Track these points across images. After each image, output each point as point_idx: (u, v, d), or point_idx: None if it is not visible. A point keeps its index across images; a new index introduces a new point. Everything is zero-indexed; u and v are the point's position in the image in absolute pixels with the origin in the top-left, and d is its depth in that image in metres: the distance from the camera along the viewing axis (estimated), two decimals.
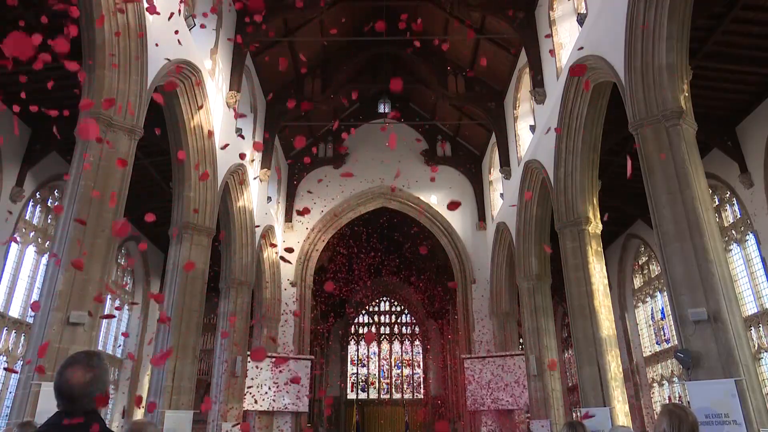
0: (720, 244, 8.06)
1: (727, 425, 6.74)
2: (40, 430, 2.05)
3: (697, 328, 7.53)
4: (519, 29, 15.05)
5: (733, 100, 12.79)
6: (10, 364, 13.38)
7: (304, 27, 17.30)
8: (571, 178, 12.53)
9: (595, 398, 10.90)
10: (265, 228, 18.61)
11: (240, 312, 16.09)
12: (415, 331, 33.31)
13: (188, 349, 11.53)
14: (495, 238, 19.52)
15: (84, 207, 8.09)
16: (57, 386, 2.09)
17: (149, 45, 9.45)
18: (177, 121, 12.13)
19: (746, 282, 13.67)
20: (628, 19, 9.14)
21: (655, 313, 18.60)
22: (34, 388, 6.98)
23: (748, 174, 12.95)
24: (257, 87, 17.65)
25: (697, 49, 10.78)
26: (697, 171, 8.32)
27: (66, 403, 2.07)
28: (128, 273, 20.43)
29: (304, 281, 20.89)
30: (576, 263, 12.00)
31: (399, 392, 31.75)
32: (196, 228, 12.52)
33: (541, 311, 15.73)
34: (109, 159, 8.55)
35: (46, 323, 7.42)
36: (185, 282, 11.71)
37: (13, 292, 13.81)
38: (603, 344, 11.12)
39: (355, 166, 21.65)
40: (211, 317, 20.51)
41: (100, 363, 2.15)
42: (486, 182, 21.58)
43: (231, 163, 14.47)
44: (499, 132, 18.53)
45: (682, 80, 8.70)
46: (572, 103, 12.12)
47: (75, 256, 7.76)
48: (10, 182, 13.30)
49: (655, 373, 18.28)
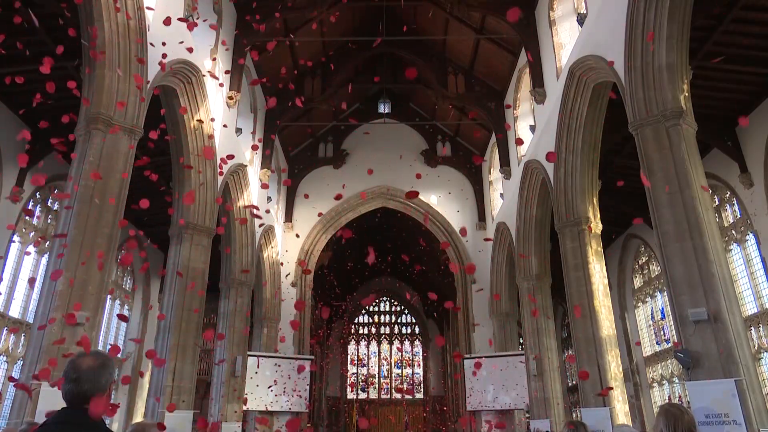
0: (720, 244, 8.06)
1: (727, 425, 6.74)
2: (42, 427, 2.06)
3: (697, 328, 7.53)
4: (519, 29, 15.05)
5: (733, 100, 12.79)
6: (10, 364, 13.40)
7: (304, 27, 17.31)
8: (571, 178, 12.52)
9: (595, 398, 10.90)
10: (265, 228, 18.62)
11: (240, 312, 16.09)
12: (415, 331, 33.33)
13: (188, 349, 11.53)
14: (495, 238, 19.52)
15: (84, 207, 8.09)
16: (65, 372, 2.14)
17: (149, 45, 9.45)
18: (177, 121, 12.13)
19: (746, 282, 13.66)
20: (628, 19, 9.13)
21: (655, 313, 18.60)
22: (34, 388, 6.98)
23: (748, 174, 12.94)
24: (257, 87, 17.64)
25: (697, 49, 10.77)
26: (697, 171, 8.32)
27: (71, 384, 2.10)
28: (128, 273, 20.42)
29: (304, 281, 20.90)
30: (576, 263, 11.99)
31: (399, 392, 31.77)
32: (196, 228, 12.53)
33: (541, 311, 15.73)
34: (109, 159, 8.56)
35: (46, 323, 7.42)
36: (185, 282, 11.72)
37: (13, 292, 13.81)
38: (603, 344, 11.11)
39: (355, 166, 21.69)
40: (211, 317, 20.49)
41: (108, 357, 2.26)
42: (486, 182, 21.58)
43: (231, 164, 14.47)
44: (499, 132, 18.53)
45: (682, 80, 8.70)
46: (572, 103, 12.12)
47: (75, 256, 7.77)
48: (10, 182, 13.30)
49: (655, 373, 18.28)
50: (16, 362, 13.50)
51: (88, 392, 2.11)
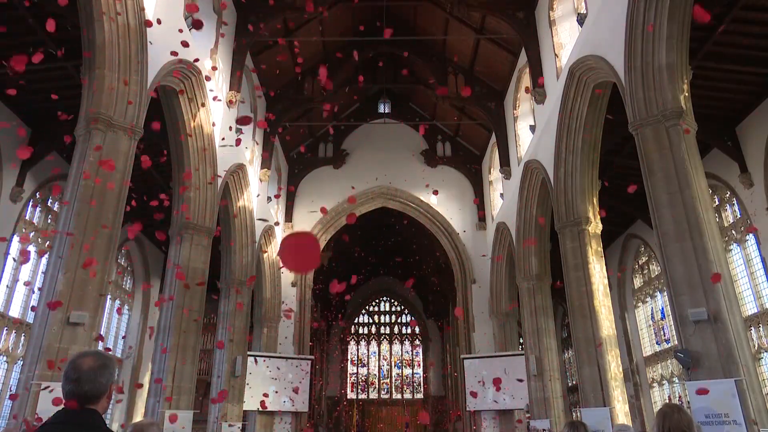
0: (720, 244, 8.06)
1: (727, 425, 6.74)
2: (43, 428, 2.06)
3: (697, 328, 7.53)
4: (519, 29, 15.05)
5: (733, 100, 12.79)
6: (10, 364, 13.40)
7: (304, 27, 17.30)
8: (571, 178, 12.52)
9: (595, 398, 10.90)
10: (266, 228, 18.62)
11: (240, 312, 16.08)
12: (415, 331, 33.33)
13: (188, 349, 11.53)
14: (495, 238, 19.52)
15: (84, 207, 8.09)
16: (65, 372, 2.14)
17: (149, 45, 9.45)
18: (177, 121, 12.13)
19: (746, 282, 13.66)
20: (628, 19, 9.13)
21: (655, 313, 18.60)
22: (34, 388, 6.99)
23: (748, 174, 12.94)
24: (257, 87, 17.63)
25: (697, 49, 10.77)
26: (697, 171, 8.32)
27: (71, 384, 2.11)
28: (128, 273, 20.42)
29: (304, 281, 20.88)
30: (576, 263, 12.00)
31: (399, 392, 31.78)
32: (196, 228, 12.52)
33: (541, 311, 15.73)
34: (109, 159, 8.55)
35: (46, 323, 7.42)
36: (185, 282, 11.70)
37: (13, 292, 13.81)
38: (603, 344, 11.12)
39: (356, 166, 21.70)
40: (211, 317, 20.48)
41: (109, 358, 2.26)
42: (486, 182, 21.58)
43: (231, 164, 14.46)
44: (499, 132, 18.52)
45: (682, 80, 8.70)
46: (572, 103, 12.12)
47: (75, 256, 7.77)
48: (10, 182, 13.30)
49: (655, 373, 18.28)
50: (16, 362, 13.50)
51: (89, 393, 2.11)
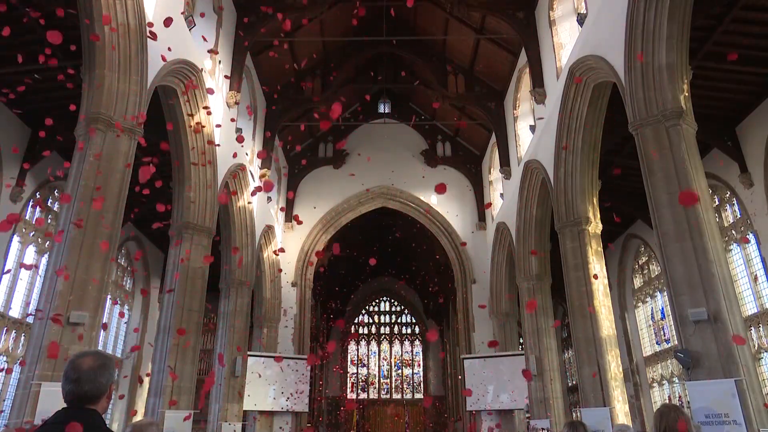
0: (720, 244, 8.06)
1: (727, 425, 6.74)
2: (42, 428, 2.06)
3: (697, 328, 7.53)
4: (519, 29, 15.04)
5: (733, 100, 12.78)
6: (10, 364, 13.38)
7: (304, 27, 17.29)
8: (571, 178, 12.52)
9: (595, 398, 10.90)
10: (265, 228, 18.62)
11: (240, 312, 16.08)
12: (415, 331, 33.33)
13: (188, 349, 11.52)
14: (495, 238, 19.52)
15: (84, 207, 8.08)
16: (65, 372, 2.15)
17: (149, 45, 9.44)
18: (177, 121, 12.12)
19: (746, 282, 13.66)
20: (628, 19, 9.13)
21: (655, 313, 18.60)
22: (34, 388, 6.98)
23: (748, 174, 12.94)
24: (257, 87, 17.63)
25: (697, 49, 10.77)
26: (697, 171, 8.32)
27: (71, 384, 2.11)
28: (128, 273, 20.42)
29: (304, 281, 20.89)
30: (576, 263, 11.99)
31: (399, 392, 31.78)
32: (196, 228, 12.52)
33: (541, 311, 15.72)
34: (109, 159, 8.55)
35: (46, 323, 7.42)
36: (185, 282, 11.71)
37: (13, 292, 13.81)
38: (603, 344, 11.12)
39: (356, 166, 21.67)
40: (211, 317, 20.49)
41: (108, 358, 2.27)
42: (486, 182, 21.57)
43: (231, 164, 14.46)
44: (499, 132, 18.52)
45: (682, 80, 8.70)
46: (572, 103, 12.12)
47: (75, 256, 7.77)
48: (10, 182, 13.29)
49: (655, 373, 18.28)
50: (15, 362, 13.49)
51: (89, 393, 2.11)
